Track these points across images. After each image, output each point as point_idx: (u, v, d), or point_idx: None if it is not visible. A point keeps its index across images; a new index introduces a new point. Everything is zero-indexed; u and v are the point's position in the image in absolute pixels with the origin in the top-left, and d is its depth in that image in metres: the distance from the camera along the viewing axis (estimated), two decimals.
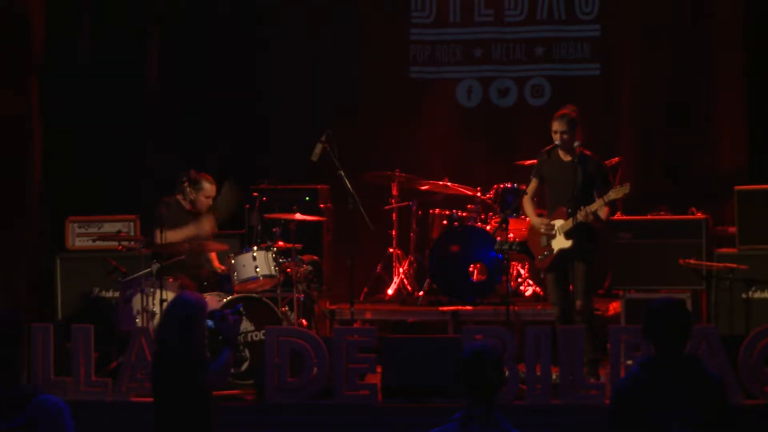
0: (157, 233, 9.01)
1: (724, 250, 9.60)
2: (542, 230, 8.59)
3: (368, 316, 10.11)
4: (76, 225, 10.23)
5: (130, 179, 10.97)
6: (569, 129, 8.42)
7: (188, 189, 9.40)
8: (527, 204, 8.77)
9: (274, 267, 9.07)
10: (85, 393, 8.20)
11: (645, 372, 4.83)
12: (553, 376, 8.01)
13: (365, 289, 10.74)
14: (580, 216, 8.33)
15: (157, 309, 8.75)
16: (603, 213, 8.38)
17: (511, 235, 9.26)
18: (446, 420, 4.57)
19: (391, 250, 10.73)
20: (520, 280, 10.59)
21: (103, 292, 9.88)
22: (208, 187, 9.45)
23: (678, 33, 11.06)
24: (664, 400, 4.72)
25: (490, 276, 10.13)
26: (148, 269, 8.89)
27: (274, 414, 8.06)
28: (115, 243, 9.61)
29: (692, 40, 11.02)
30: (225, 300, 8.66)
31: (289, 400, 8.06)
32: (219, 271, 9.46)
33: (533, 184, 8.74)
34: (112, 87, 11.00)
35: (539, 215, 8.76)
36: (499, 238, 8.69)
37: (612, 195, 8.30)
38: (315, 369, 8.08)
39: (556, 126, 8.45)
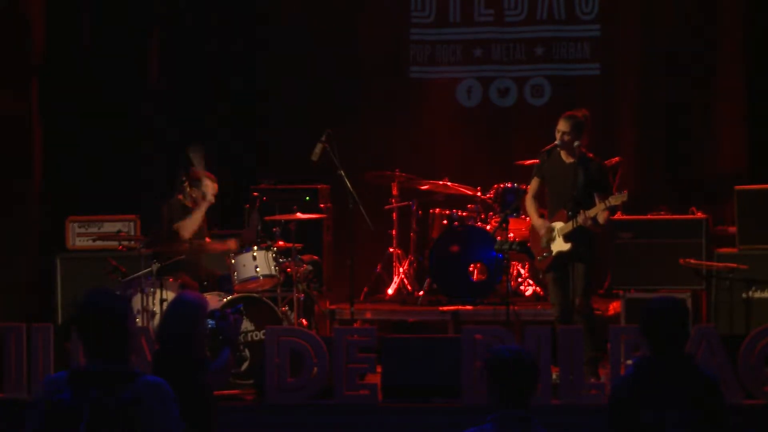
0: (161, 232, 9.01)
1: (724, 249, 9.60)
2: (542, 233, 8.60)
3: (368, 315, 10.11)
4: (76, 225, 10.22)
5: (130, 179, 10.97)
6: (572, 131, 8.41)
7: (188, 188, 9.40)
8: (530, 204, 8.74)
9: (274, 267, 9.07)
10: None
11: (641, 372, 4.82)
12: (553, 376, 8.02)
13: (365, 289, 10.74)
14: (580, 220, 8.32)
15: (157, 309, 8.75)
16: (602, 218, 8.37)
17: (511, 234, 9.27)
18: (482, 420, 4.55)
19: (391, 249, 10.73)
20: (520, 279, 10.58)
21: None
22: (210, 184, 9.44)
23: (678, 33, 11.06)
24: (660, 401, 4.72)
25: (490, 276, 10.14)
26: (148, 269, 8.89)
27: (274, 414, 8.06)
28: (115, 243, 9.59)
29: (692, 40, 11.02)
30: (225, 299, 8.66)
31: (289, 400, 8.06)
32: (232, 246, 9.33)
33: (534, 183, 8.72)
34: (112, 87, 11.01)
35: (540, 215, 8.75)
36: (499, 237, 8.68)
37: (612, 201, 8.29)
38: (315, 369, 8.08)
39: (560, 125, 8.46)
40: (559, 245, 8.48)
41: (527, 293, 10.51)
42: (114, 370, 4.21)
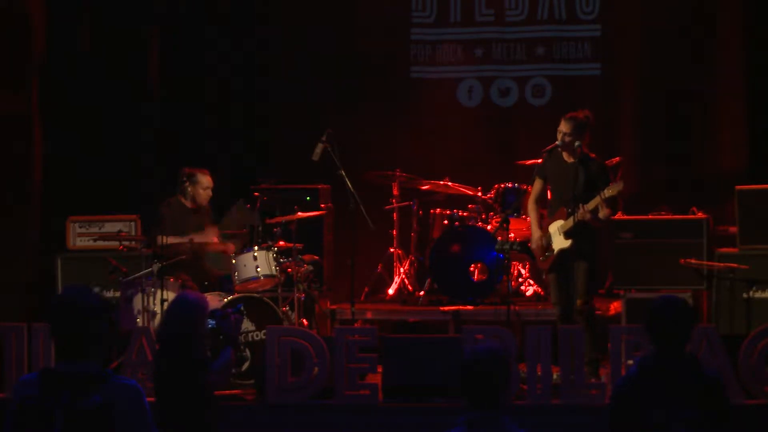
0: (157, 233, 9.01)
1: (724, 249, 9.59)
2: (535, 246, 8.61)
3: (369, 315, 10.11)
4: (76, 225, 10.22)
5: (130, 179, 10.97)
6: (573, 132, 8.41)
7: (187, 186, 9.41)
8: (531, 208, 8.72)
9: (275, 267, 9.07)
10: None
11: (644, 372, 4.82)
12: (554, 376, 8.02)
13: (366, 289, 10.74)
14: (579, 214, 8.32)
15: (158, 309, 8.75)
16: (603, 213, 8.37)
17: (512, 234, 9.27)
18: (452, 424, 4.54)
19: (391, 249, 10.73)
20: (520, 279, 10.59)
21: (104, 292, 9.86)
22: (203, 178, 9.46)
23: (678, 33, 11.06)
24: (663, 400, 4.72)
25: (490, 276, 10.14)
26: (149, 269, 8.89)
27: (275, 414, 8.06)
28: (116, 243, 9.60)
29: (692, 40, 11.02)
30: (226, 300, 8.66)
31: (289, 400, 8.06)
32: (229, 253, 9.37)
33: (537, 184, 8.72)
34: (112, 87, 11.01)
35: (540, 216, 8.74)
36: (499, 237, 8.69)
37: (607, 193, 8.28)
38: (316, 369, 8.07)
39: (561, 126, 8.46)
40: (560, 242, 8.48)
41: (528, 293, 10.52)
42: (85, 372, 4.09)
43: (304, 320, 9.28)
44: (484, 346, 4.63)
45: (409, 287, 10.62)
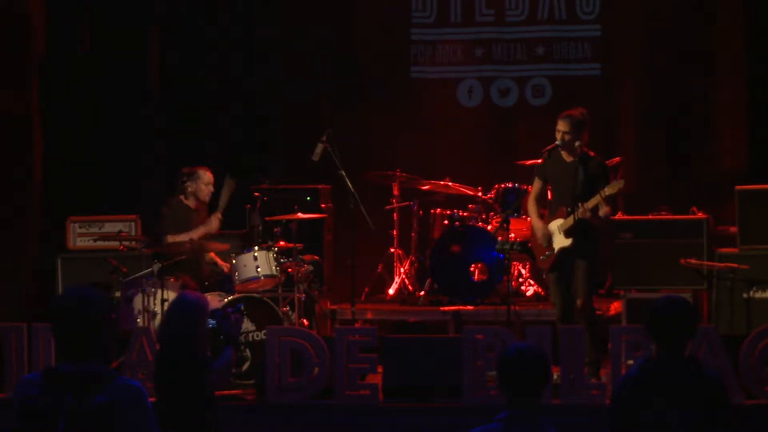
0: (162, 233, 9.01)
1: (725, 249, 9.59)
2: (538, 236, 8.61)
3: (369, 316, 10.11)
4: (77, 225, 10.22)
5: (130, 179, 10.97)
6: (571, 130, 8.41)
7: (188, 185, 9.41)
8: (531, 206, 8.73)
9: (275, 267, 9.07)
10: None
11: (645, 372, 4.82)
12: (554, 376, 8.01)
13: (366, 289, 10.73)
14: (579, 212, 8.32)
15: (158, 309, 8.75)
16: (603, 211, 8.37)
17: (512, 235, 9.27)
18: (491, 420, 4.53)
19: (392, 249, 10.73)
20: (521, 280, 10.59)
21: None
22: (205, 174, 9.45)
23: (678, 33, 11.07)
24: (664, 401, 4.72)
25: (491, 276, 10.14)
26: (149, 269, 8.89)
27: (275, 414, 8.06)
28: (116, 243, 9.59)
29: (692, 40, 11.02)
30: (226, 300, 8.66)
31: (289, 400, 8.06)
32: (225, 270, 9.42)
33: (536, 184, 8.72)
34: (112, 87, 11.01)
35: (540, 216, 8.75)
36: (500, 238, 8.69)
37: (607, 191, 8.28)
38: (316, 369, 8.08)
39: (559, 125, 8.46)
40: (561, 241, 8.48)
41: (528, 293, 10.52)
42: (88, 371, 4.06)
43: (305, 320, 9.28)
44: (529, 344, 4.64)
45: (409, 287, 10.62)
